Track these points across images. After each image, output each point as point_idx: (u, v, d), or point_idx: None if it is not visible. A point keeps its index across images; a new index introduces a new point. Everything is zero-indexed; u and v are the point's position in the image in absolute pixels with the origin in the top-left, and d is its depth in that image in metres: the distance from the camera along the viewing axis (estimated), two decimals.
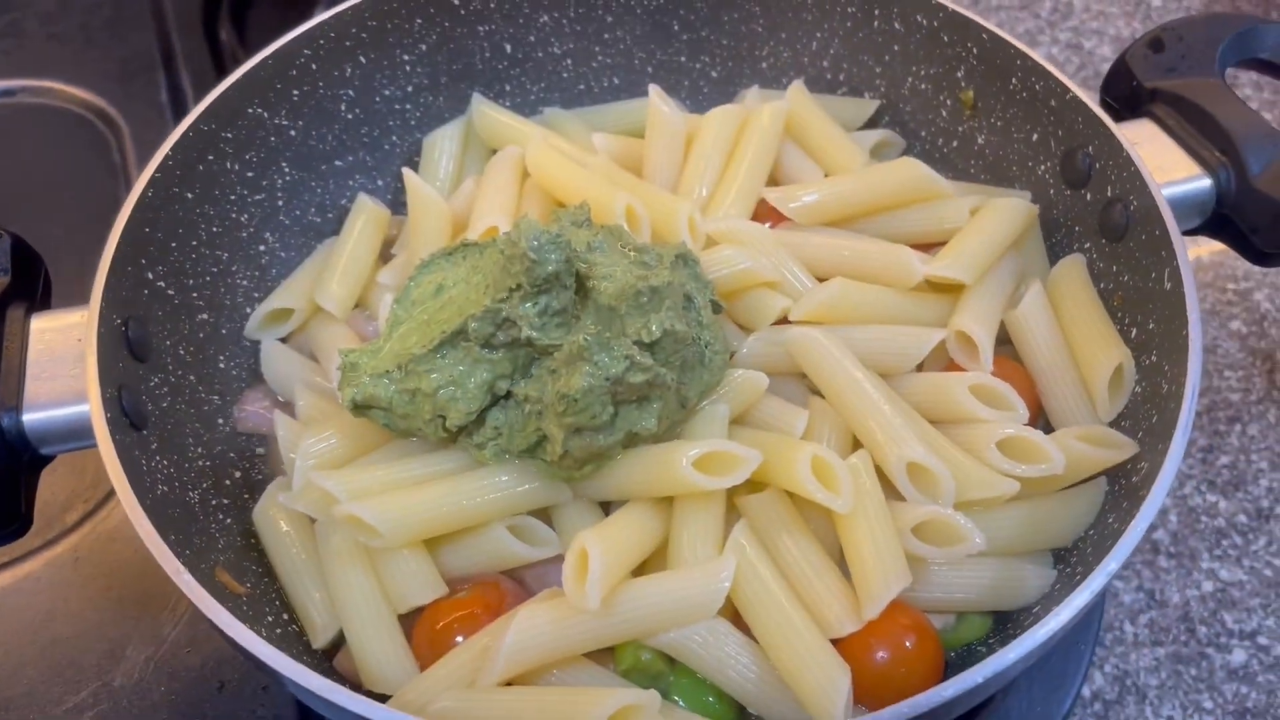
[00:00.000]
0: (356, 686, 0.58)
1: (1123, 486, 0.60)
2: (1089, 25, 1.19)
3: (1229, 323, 0.94)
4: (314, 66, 0.75)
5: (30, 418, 0.59)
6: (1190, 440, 0.84)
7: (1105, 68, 1.12)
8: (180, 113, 1.02)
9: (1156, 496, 0.53)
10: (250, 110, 0.72)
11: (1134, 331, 0.65)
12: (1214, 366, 0.90)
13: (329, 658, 0.61)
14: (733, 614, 0.58)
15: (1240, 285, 0.96)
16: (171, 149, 0.67)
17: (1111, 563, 0.50)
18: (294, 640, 0.60)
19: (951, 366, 0.67)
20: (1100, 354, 0.65)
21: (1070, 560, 0.61)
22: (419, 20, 0.78)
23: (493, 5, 0.79)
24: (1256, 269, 0.96)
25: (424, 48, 0.79)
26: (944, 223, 0.70)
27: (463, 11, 0.79)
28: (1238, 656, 0.76)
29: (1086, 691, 0.75)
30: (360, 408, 0.60)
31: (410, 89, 0.80)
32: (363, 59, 0.77)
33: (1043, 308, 0.68)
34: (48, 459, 0.60)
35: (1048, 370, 0.66)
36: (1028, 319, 0.67)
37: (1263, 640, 0.76)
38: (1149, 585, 0.79)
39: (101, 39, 1.09)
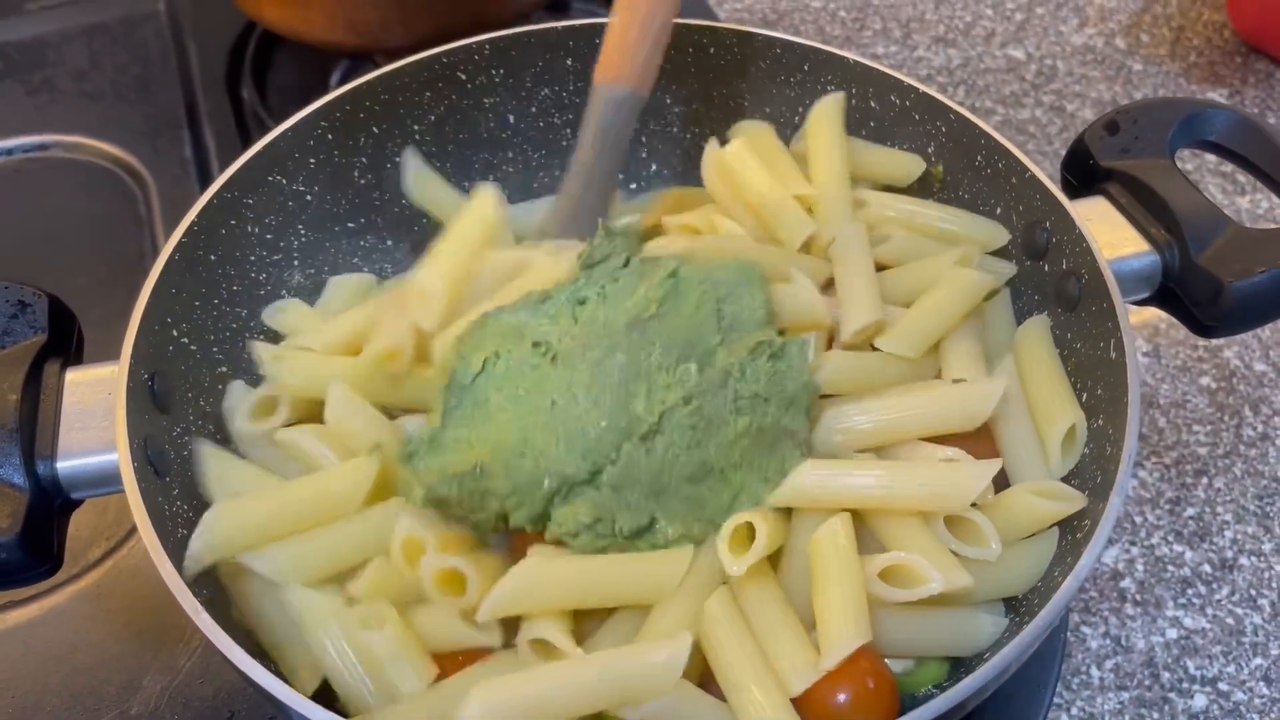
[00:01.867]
0: None
1: (1069, 541, 0.64)
2: (1071, 89, 1.24)
3: (1199, 379, 0.98)
4: (330, 137, 0.80)
5: (63, 465, 0.63)
6: (1158, 493, 0.90)
7: None
8: (204, 168, 1.08)
9: (1093, 552, 0.57)
10: (270, 178, 0.78)
11: (1084, 396, 0.69)
12: (1183, 421, 0.95)
13: None
14: (701, 669, 0.62)
15: (1211, 343, 1.01)
16: (197, 215, 0.72)
17: (1045, 616, 0.55)
18: None
19: None
20: (1057, 414, 0.69)
21: (1020, 609, 0.65)
22: (428, 93, 0.83)
23: (497, 80, 0.85)
24: None
25: (432, 118, 0.84)
26: None
27: (469, 85, 0.84)
28: (1199, 701, 0.80)
29: None
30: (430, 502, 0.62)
31: (419, 147, 0.85)
32: (375, 129, 0.82)
33: (1012, 373, 0.72)
34: (78, 503, 0.65)
35: (1007, 427, 0.71)
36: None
37: (1223, 686, 0.80)
38: (1115, 631, 0.83)
39: (130, 97, 1.15)
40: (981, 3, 1.36)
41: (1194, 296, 0.70)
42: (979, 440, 0.69)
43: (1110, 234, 0.72)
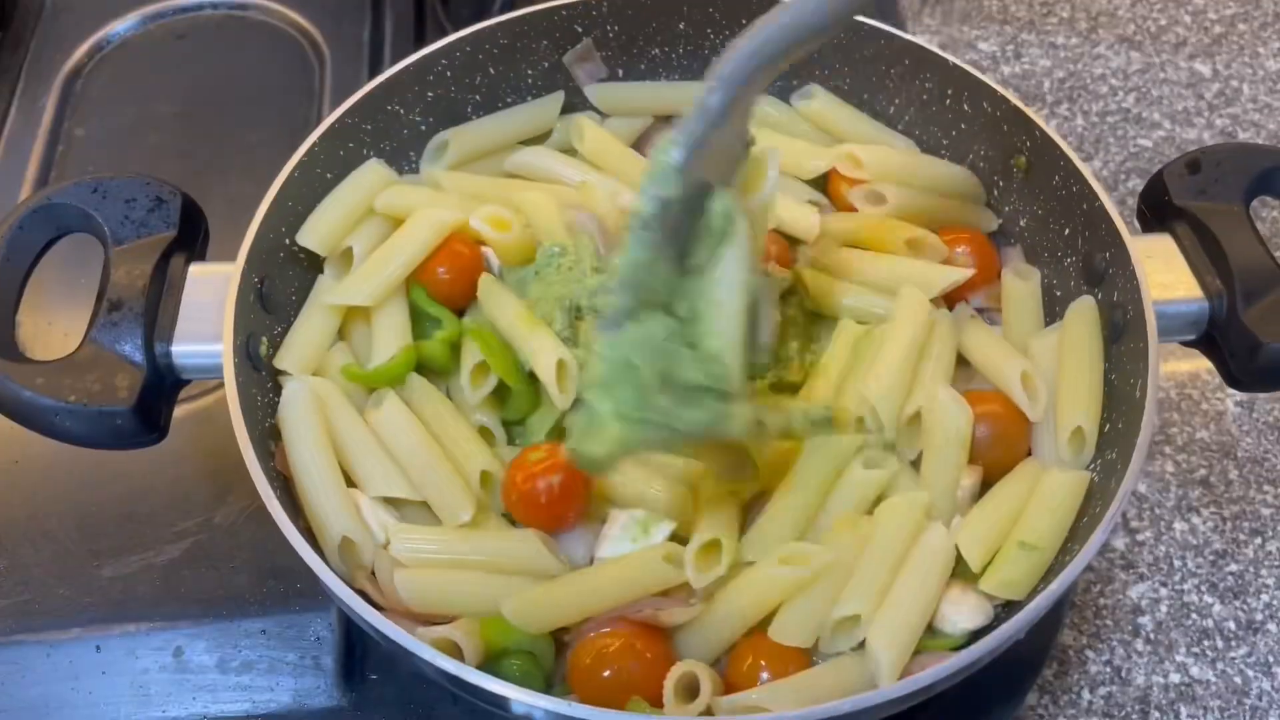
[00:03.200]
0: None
1: (1054, 567, 0.68)
2: (1249, 116, 1.17)
3: None
4: (449, 74, 0.86)
5: (177, 349, 0.70)
6: (1205, 542, 0.90)
7: None
8: (376, 53, 1.14)
9: (1060, 586, 0.61)
10: (389, 107, 0.84)
11: (1106, 426, 0.72)
12: (1255, 478, 0.93)
13: None
14: None
15: None
16: (318, 138, 0.79)
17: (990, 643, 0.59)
18: None
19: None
20: (1068, 409, 0.72)
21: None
22: (545, 42, 0.88)
23: (610, 36, 0.89)
24: None
25: (546, 65, 0.90)
26: None
27: (585, 39, 0.89)
28: None
29: None
30: None
31: (529, 99, 0.91)
32: (491, 70, 0.88)
33: (1052, 347, 0.75)
34: (186, 382, 0.73)
35: (1035, 404, 0.73)
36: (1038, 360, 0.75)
37: None
38: (1119, 663, 0.84)
39: None
40: (1182, 8, 1.26)
41: (1232, 348, 0.71)
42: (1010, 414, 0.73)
43: (1165, 274, 0.72)
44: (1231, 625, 0.85)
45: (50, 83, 1.11)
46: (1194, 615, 0.86)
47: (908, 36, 0.84)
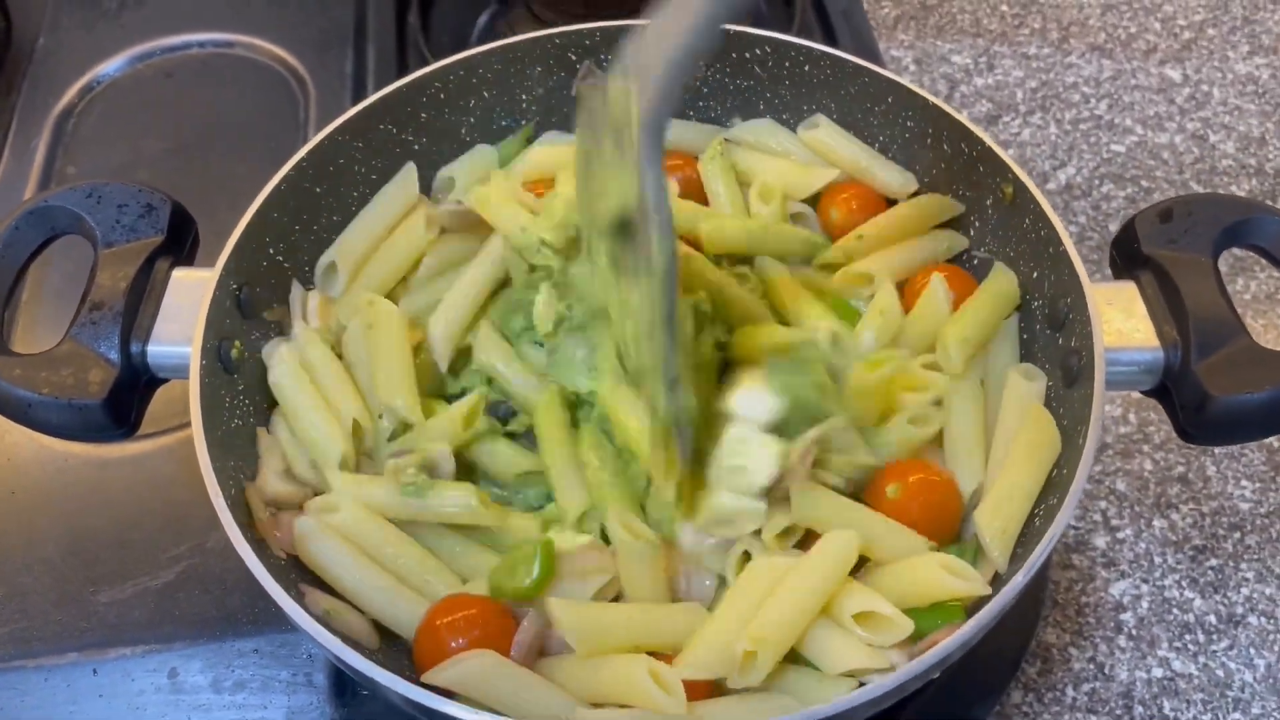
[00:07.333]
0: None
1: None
2: (1220, 119, 1.20)
3: None
4: (442, 96, 0.88)
5: (153, 349, 0.73)
6: (1184, 538, 0.92)
7: (1224, 164, 1.15)
8: (359, 84, 1.18)
9: (986, 616, 0.63)
10: (382, 126, 0.86)
11: (1054, 471, 0.72)
12: (1233, 474, 0.95)
13: None
14: None
15: None
16: (307, 153, 0.81)
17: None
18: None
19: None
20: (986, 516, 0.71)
21: None
22: (539, 68, 0.90)
23: (604, 66, 0.90)
24: None
25: (540, 91, 0.92)
26: None
27: (578, 67, 0.89)
28: None
29: None
30: None
31: (524, 122, 0.93)
32: (485, 94, 0.90)
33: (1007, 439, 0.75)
34: (163, 380, 0.76)
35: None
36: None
37: None
38: (1102, 659, 0.86)
39: (311, 7, 1.26)
40: (1151, 15, 1.31)
41: (1182, 400, 0.71)
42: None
43: (1124, 322, 0.73)
44: (1212, 619, 0.87)
45: (42, 123, 1.17)
46: (1175, 610, 0.88)
47: (890, 75, 0.86)
